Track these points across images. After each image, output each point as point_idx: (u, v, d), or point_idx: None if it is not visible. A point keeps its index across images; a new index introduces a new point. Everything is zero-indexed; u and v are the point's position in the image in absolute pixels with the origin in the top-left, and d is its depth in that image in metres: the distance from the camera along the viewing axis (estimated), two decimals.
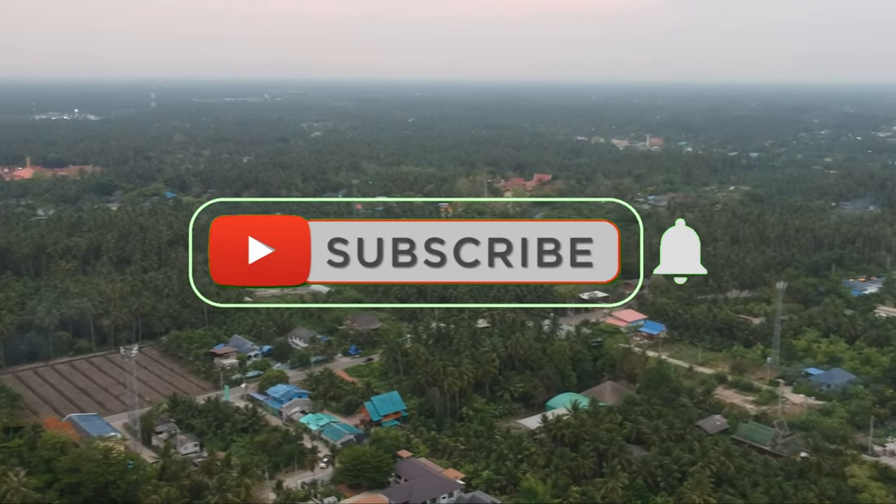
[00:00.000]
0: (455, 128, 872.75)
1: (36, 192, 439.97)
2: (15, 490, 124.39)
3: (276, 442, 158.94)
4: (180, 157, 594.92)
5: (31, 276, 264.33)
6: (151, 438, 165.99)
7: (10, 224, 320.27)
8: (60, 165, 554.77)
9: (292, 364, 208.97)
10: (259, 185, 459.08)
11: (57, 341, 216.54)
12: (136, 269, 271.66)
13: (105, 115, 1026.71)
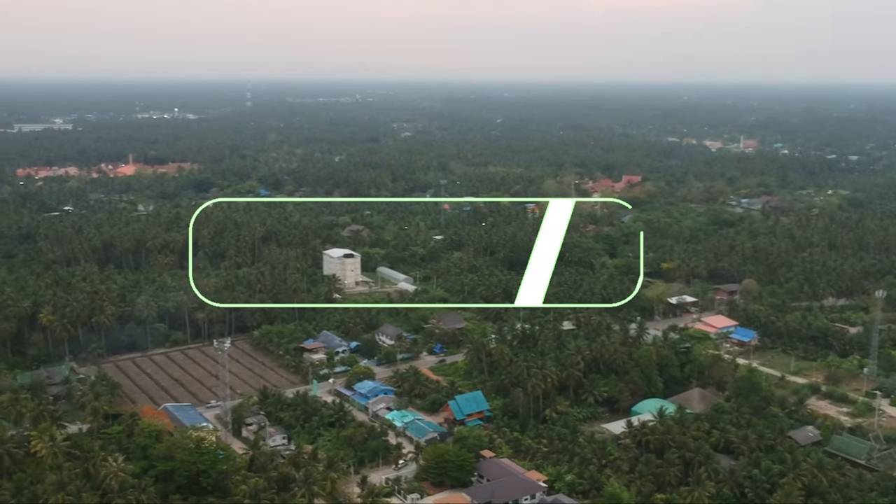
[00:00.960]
0: (543, 128, 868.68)
1: (137, 189, 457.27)
2: (114, 475, 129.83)
3: (362, 437, 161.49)
4: (274, 156, 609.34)
5: (132, 270, 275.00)
6: (242, 430, 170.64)
7: (113, 219, 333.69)
8: (160, 163, 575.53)
9: (379, 361, 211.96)
10: (349, 183, 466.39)
11: (154, 333, 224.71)
12: (230, 264, 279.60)
13: (203, 114, 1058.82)
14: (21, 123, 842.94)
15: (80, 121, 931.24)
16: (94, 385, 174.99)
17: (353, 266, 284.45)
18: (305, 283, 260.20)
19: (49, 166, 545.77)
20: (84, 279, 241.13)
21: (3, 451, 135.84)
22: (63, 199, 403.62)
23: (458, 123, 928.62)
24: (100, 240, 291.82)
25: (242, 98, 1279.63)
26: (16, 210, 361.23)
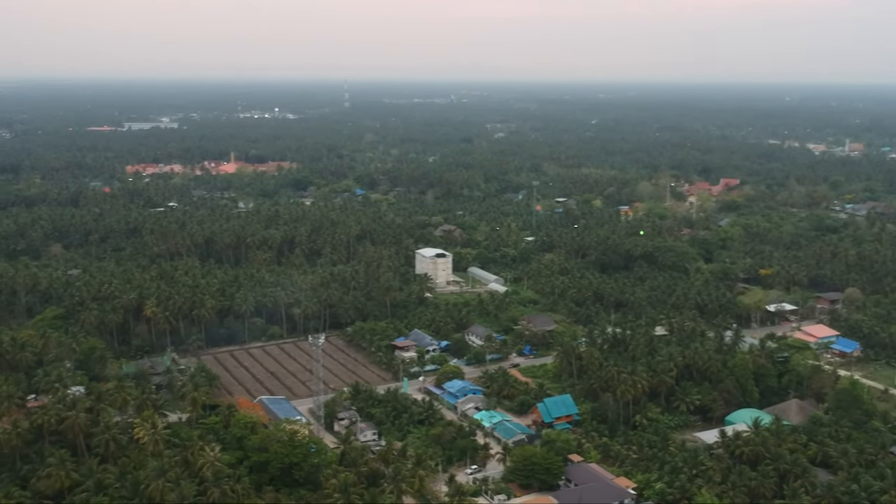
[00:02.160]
0: (639, 130, 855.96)
1: (238, 186, 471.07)
2: (210, 464, 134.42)
3: (451, 436, 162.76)
4: (370, 156, 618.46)
5: (231, 265, 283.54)
6: (333, 424, 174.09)
7: (215, 215, 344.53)
8: (260, 161, 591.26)
9: (468, 360, 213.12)
10: (443, 184, 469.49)
11: (252, 327, 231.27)
12: (326, 261, 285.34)
13: (302, 114, 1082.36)
14: (131, 122, 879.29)
15: (185, 120, 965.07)
16: (193, 376, 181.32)
17: (444, 266, 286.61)
18: (398, 281, 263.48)
19: (156, 163, 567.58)
20: (186, 273, 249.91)
21: (109, 437, 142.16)
22: (168, 196, 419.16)
23: (552, 124, 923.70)
24: (202, 235, 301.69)
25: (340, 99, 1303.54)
26: (124, 205, 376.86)
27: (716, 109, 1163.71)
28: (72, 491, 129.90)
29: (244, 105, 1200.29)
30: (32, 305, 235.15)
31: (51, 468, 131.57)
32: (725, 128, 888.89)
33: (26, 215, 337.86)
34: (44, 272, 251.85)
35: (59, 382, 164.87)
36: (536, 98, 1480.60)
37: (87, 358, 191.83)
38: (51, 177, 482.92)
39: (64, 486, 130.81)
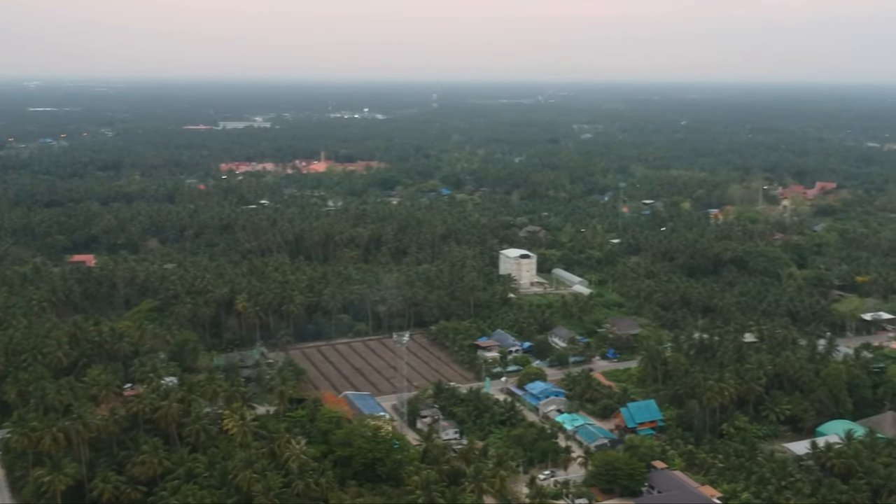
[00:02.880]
0: (730, 131, 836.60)
1: (327, 185, 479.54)
2: (296, 456, 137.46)
3: (532, 437, 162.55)
4: (456, 156, 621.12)
5: (320, 262, 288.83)
6: (416, 422, 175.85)
7: (305, 213, 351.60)
8: (350, 160, 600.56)
9: (551, 362, 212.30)
10: (528, 184, 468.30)
11: (338, 323, 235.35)
12: (412, 260, 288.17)
13: (391, 114, 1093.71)
14: (225, 121, 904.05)
15: (277, 119, 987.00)
16: (281, 370, 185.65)
17: (528, 266, 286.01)
18: (481, 281, 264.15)
19: (249, 162, 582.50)
20: (276, 269, 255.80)
21: (199, 427, 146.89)
22: (260, 193, 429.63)
23: (641, 125, 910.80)
24: (292, 232, 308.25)
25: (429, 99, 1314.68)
26: (218, 202, 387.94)
27: (813, 111, 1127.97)
28: (164, 478, 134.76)
29: (335, 105, 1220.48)
30: (130, 298, 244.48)
31: (145, 455, 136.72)
32: (822, 130, 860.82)
33: (126, 211, 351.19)
34: (141, 266, 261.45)
35: (153, 373, 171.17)
36: (625, 98, 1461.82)
37: (181, 349, 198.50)
38: (149, 174, 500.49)
39: (156, 473, 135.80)
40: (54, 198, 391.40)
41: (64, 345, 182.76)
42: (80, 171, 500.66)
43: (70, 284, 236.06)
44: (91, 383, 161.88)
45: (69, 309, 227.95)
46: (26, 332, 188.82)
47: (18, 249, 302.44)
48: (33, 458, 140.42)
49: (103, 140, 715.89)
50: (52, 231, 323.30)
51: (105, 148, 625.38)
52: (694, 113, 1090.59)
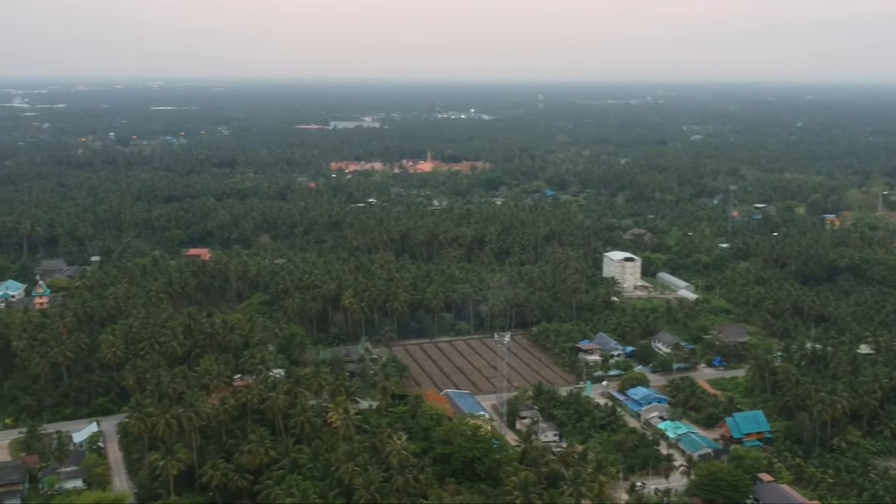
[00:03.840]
0: (849, 133, 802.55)
1: (433, 185, 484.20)
2: (397, 452, 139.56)
3: (633, 444, 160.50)
4: (561, 157, 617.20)
5: (424, 261, 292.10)
6: (516, 422, 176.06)
7: (410, 212, 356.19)
8: (455, 160, 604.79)
9: (654, 368, 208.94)
10: (634, 186, 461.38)
11: (441, 321, 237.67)
12: (514, 261, 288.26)
13: (497, 114, 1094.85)
14: (336, 121, 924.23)
15: (386, 119, 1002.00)
16: (385, 366, 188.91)
17: (632, 270, 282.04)
18: (584, 283, 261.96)
19: (357, 161, 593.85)
20: (382, 267, 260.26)
21: (305, 419, 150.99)
22: (368, 192, 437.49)
23: (754, 127, 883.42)
24: (397, 231, 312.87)
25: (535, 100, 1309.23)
26: (328, 200, 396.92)
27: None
28: (269, 467, 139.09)
29: (442, 106, 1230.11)
30: (242, 291, 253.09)
31: (252, 444, 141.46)
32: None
33: (240, 207, 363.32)
34: (253, 260, 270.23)
35: (262, 364, 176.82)
36: (737, 99, 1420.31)
37: (289, 343, 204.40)
38: (262, 171, 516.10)
39: (262, 462, 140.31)
40: (173, 193, 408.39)
41: (179, 335, 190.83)
42: (198, 168, 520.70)
43: (186, 277, 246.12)
44: (203, 373, 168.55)
45: (184, 300, 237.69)
46: (144, 321, 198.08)
47: (139, 242, 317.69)
48: (148, 442, 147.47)
49: (220, 138, 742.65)
50: (170, 225, 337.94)
51: (221, 146, 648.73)
52: (810, 114, 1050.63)
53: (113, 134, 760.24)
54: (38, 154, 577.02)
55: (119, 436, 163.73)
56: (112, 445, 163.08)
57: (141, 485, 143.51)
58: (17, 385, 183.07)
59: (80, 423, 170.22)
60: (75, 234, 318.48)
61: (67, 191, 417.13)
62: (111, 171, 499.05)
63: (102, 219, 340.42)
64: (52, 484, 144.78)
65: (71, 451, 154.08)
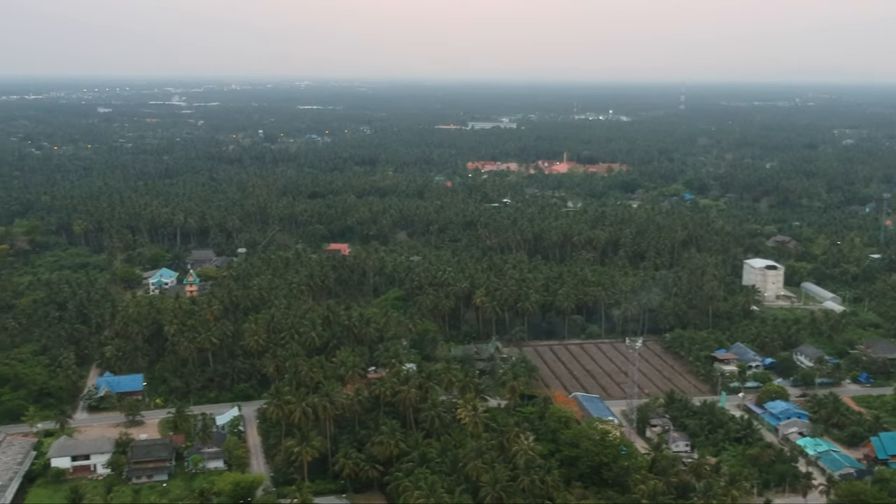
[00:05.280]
0: None
1: (568, 186, 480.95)
2: (524, 452, 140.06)
3: (769, 459, 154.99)
4: (702, 160, 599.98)
5: (556, 262, 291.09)
6: (645, 430, 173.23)
7: (544, 213, 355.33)
8: (591, 162, 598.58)
9: (794, 382, 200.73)
10: (779, 192, 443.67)
11: (571, 324, 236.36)
12: (649, 265, 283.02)
13: (636, 116, 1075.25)
14: (474, 122, 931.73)
15: (523, 120, 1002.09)
16: (514, 365, 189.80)
17: (774, 278, 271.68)
18: (722, 291, 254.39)
19: (493, 161, 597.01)
20: (514, 267, 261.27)
21: (435, 414, 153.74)
22: (502, 192, 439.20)
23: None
24: (531, 232, 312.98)
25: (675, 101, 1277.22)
26: (463, 199, 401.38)
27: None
28: (399, 459, 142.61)
29: (580, 107, 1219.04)
30: (378, 286, 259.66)
31: (383, 436, 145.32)
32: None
33: (379, 204, 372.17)
34: (390, 256, 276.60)
35: (395, 358, 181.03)
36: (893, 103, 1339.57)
37: (421, 338, 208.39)
38: (401, 170, 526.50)
39: (393, 454, 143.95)
40: (316, 190, 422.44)
41: (318, 326, 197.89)
42: (340, 166, 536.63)
43: (326, 270, 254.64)
44: (339, 364, 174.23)
45: (324, 293, 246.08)
46: (286, 312, 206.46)
47: (283, 236, 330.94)
48: (285, 428, 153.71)
49: (362, 137, 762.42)
50: (312, 220, 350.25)
51: (363, 144, 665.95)
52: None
53: (262, 131, 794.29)
54: (192, 149, 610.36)
55: (258, 421, 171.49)
56: (251, 429, 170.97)
57: (277, 469, 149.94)
58: (167, 368, 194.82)
59: (222, 407, 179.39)
60: (224, 226, 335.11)
61: (218, 185, 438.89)
62: (259, 167, 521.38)
63: (249, 212, 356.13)
64: (196, 463, 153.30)
65: (214, 432, 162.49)
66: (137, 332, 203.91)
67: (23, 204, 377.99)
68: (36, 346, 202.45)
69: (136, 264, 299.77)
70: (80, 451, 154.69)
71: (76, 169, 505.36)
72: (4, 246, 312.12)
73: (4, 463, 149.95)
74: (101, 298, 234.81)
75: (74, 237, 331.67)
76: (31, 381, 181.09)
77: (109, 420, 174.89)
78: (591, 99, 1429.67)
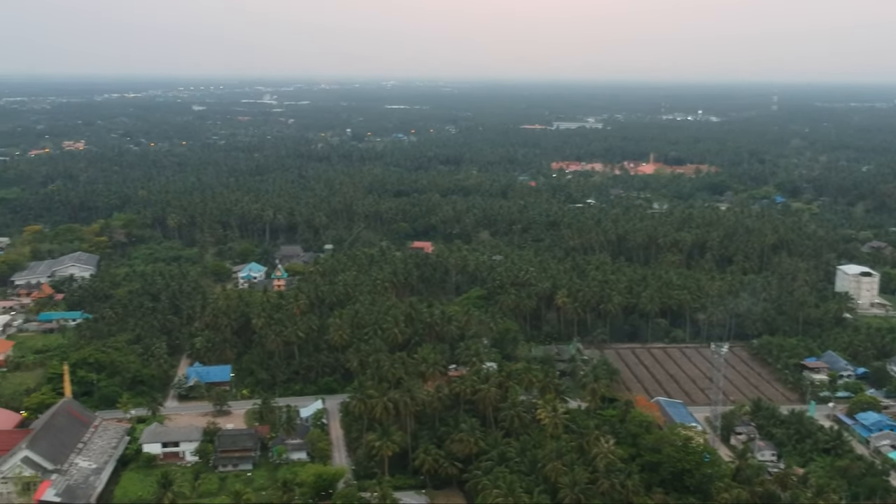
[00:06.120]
0: None
1: (654, 187, 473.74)
2: (604, 455, 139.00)
3: (859, 471, 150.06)
4: (794, 162, 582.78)
5: (640, 264, 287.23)
6: (730, 437, 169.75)
7: (629, 214, 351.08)
8: (679, 163, 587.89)
9: (888, 393, 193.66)
10: (875, 196, 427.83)
11: (654, 327, 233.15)
12: (737, 269, 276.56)
13: (726, 116, 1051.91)
14: (559, 122, 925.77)
15: (609, 120, 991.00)
16: (595, 367, 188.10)
17: (869, 285, 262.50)
18: (813, 297, 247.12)
19: (578, 161, 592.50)
20: (597, 268, 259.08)
21: (514, 413, 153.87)
22: (587, 193, 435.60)
23: None
24: (615, 233, 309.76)
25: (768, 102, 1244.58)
26: (546, 199, 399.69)
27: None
28: (478, 457, 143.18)
29: (667, 107, 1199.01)
30: (460, 284, 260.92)
31: (463, 434, 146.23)
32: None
33: (462, 203, 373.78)
34: (472, 255, 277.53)
35: (476, 357, 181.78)
36: None
37: (502, 337, 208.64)
38: (485, 169, 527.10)
39: (472, 452, 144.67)
40: (401, 188, 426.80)
41: (400, 322, 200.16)
42: (425, 165, 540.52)
43: (409, 268, 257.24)
44: (421, 360, 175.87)
45: (406, 290, 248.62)
46: (369, 308, 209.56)
47: (368, 233, 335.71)
48: (367, 423, 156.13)
49: (447, 136, 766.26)
50: (397, 218, 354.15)
51: (448, 144, 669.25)
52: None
53: (349, 130, 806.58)
54: (282, 147, 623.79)
55: (341, 414, 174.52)
56: (334, 423, 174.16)
57: (358, 462, 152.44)
58: (254, 360, 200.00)
59: (307, 400, 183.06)
60: (312, 222, 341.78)
61: (306, 182, 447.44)
62: (346, 166, 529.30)
63: (336, 210, 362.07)
64: (280, 454, 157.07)
65: (298, 424, 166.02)
66: (226, 324, 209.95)
67: (121, 198, 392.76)
68: (131, 335, 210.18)
69: (227, 258, 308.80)
70: (170, 439, 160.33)
71: (171, 165, 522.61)
72: (104, 238, 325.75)
73: (100, 446, 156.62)
74: (192, 291, 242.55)
75: (168, 231, 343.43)
76: (125, 369, 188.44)
77: (198, 409, 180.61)
78: (680, 99, 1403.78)
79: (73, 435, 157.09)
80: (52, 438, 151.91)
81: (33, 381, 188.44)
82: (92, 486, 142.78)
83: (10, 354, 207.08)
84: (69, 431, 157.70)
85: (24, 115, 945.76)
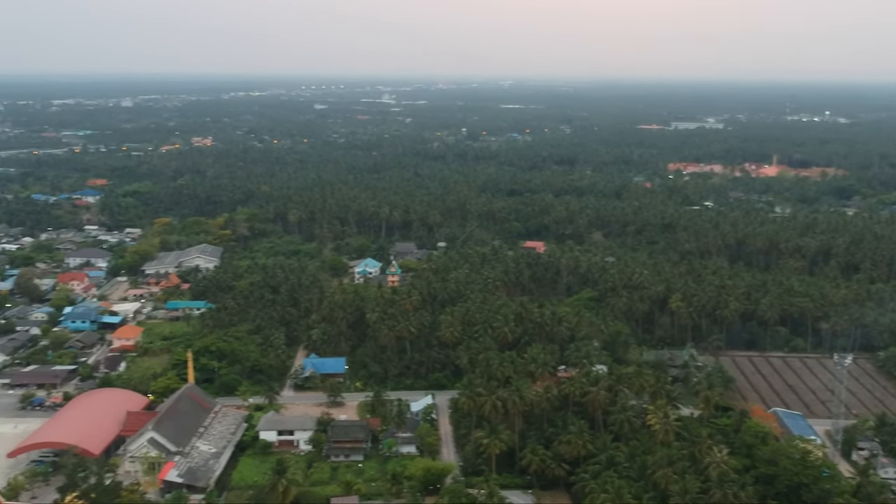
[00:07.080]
0: None
1: (777, 190, 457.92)
2: (717, 464, 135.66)
3: None
4: None
5: (760, 269, 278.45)
6: (851, 453, 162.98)
7: (749, 218, 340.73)
8: (803, 166, 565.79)
9: None
10: None
11: (774, 335, 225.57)
12: (864, 277, 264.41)
13: (855, 118, 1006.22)
14: (677, 122, 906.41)
15: (730, 121, 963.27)
16: (709, 375, 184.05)
17: None
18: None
19: (696, 162, 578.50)
20: (714, 272, 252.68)
21: (624, 418, 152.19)
22: (705, 195, 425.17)
23: None
24: (733, 237, 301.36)
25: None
26: (662, 201, 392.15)
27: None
28: (586, 460, 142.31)
29: (793, 108, 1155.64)
30: (571, 285, 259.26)
31: (571, 436, 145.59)
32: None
33: (575, 204, 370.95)
34: (584, 256, 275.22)
35: (586, 358, 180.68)
36: None
37: (613, 340, 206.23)
38: (600, 170, 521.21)
39: (580, 455, 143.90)
40: (514, 187, 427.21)
41: (510, 321, 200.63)
42: (539, 165, 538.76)
43: (521, 267, 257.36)
44: (530, 360, 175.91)
45: (517, 290, 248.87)
46: (480, 306, 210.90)
47: (481, 232, 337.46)
48: (475, 420, 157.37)
49: (561, 136, 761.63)
50: (510, 218, 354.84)
51: (562, 143, 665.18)
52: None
53: (465, 129, 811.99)
54: (399, 146, 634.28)
55: (450, 410, 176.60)
56: (443, 418, 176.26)
57: (466, 459, 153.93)
58: (367, 353, 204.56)
59: (417, 394, 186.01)
60: (426, 220, 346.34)
61: (422, 180, 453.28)
62: (461, 164, 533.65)
63: (450, 208, 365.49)
64: (390, 446, 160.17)
65: (408, 418, 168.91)
66: (342, 317, 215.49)
67: (245, 193, 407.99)
68: (251, 325, 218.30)
69: (344, 253, 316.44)
70: (285, 427, 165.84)
71: (293, 161, 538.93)
72: (228, 231, 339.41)
73: (220, 432, 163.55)
74: (310, 284, 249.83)
75: (289, 225, 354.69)
76: (245, 358, 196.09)
77: (313, 399, 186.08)
78: (806, 99, 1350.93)
79: (195, 419, 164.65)
80: (176, 422, 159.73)
81: (160, 367, 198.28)
82: (211, 470, 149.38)
83: (139, 340, 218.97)
84: (191, 416, 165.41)
85: (156, 113, 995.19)
